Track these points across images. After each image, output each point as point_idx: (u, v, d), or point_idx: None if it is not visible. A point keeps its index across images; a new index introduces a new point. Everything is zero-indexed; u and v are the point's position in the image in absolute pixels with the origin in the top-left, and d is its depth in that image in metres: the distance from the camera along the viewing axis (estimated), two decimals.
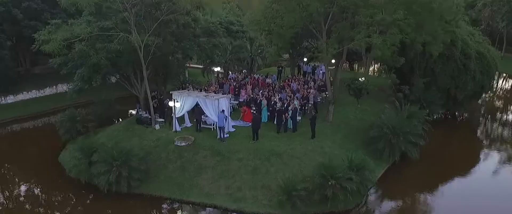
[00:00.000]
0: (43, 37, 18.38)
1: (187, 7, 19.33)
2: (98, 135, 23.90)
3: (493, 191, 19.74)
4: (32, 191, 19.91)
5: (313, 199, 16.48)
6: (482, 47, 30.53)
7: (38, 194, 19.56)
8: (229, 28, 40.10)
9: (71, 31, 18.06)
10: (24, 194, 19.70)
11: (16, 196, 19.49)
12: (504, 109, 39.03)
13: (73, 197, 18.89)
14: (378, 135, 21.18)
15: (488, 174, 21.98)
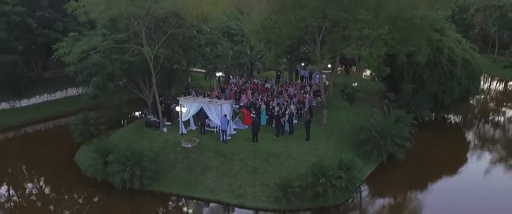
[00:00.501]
0: (64, 51, 20.32)
1: (193, 21, 21.26)
2: (110, 137, 25.87)
3: (475, 189, 21.62)
4: (53, 188, 21.87)
5: (306, 195, 18.47)
6: (468, 54, 32.48)
7: (58, 191, 21.49)
8: (230, 32, 41.98)
9: (89, 44, 20.00)
10: (46, 191, 21.71)
11: (38, 193, 21.46)
12: (492, 111, 41.06)
13: (90, 194, 20.88)
14: (367, 137, 23.17)
15: (471, 174, 23.96)
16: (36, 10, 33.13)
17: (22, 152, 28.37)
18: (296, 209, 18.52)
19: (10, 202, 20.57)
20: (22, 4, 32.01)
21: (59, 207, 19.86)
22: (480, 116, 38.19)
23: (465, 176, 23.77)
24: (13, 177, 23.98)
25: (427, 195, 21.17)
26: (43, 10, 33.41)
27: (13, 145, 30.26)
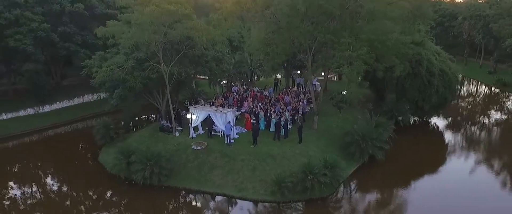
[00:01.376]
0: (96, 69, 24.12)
1: (203, 44, 25.05)
2: (128, 140, 29.64)
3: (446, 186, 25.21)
4: (83, 184, 25.60)
5: (297, 189, 22.29)
6: (445, 65, 36.29)
7: (88, 187, 25.25)
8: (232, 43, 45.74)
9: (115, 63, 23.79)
10: (77, 186, 25.42)
11: (71, 188, 25.21)
12: (470, 115, 44.90)
13: (116, 189, 24.68)
14: (351, 140, 27.01)
15: (444, 173, 27.73)
16: (59, 26, 36.89)
17: (50, 153, 32.18)
18: (288, 201, 22.34)
19: (47, 195, 24.37)
20: (46, 21, 35.78)
21: (90, 200, 23.69)
22: (458, 120, 41.99)
23: (438, 174, 27.51)
24: (46, 175, 27.77)
25: (401, 190, 24.98)
26: (65, 26, 37.21)
27: (40, 146, 34.06)
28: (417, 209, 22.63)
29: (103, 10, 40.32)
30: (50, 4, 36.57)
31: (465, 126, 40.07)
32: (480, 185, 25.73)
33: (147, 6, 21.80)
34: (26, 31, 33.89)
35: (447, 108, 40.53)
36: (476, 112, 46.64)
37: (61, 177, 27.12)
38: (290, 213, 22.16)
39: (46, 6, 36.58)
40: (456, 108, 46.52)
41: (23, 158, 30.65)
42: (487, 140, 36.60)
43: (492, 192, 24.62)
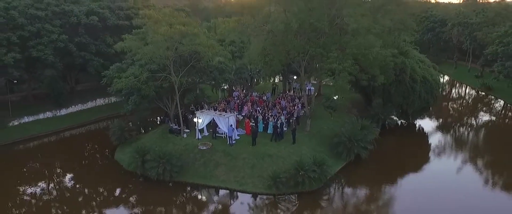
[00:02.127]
0: (117, 80, 27.66)
1: (208, 57, 28.58)
2: (140, 140, 33.12)
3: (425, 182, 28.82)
4: (102, 180, 29.17)
5: (290, 184, 25.84)
6: (427, 73, 39.83)
7: (107, 182, 28.79)
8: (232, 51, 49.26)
9: (132, 74, 27.35)
10: (97, 181, 28.92)
11: (92, 183, 28.70)
12: (455, 117, 48.50)
13: (132, 183, 28.22)
14: (338, 141, 30.57)
15: (423, 170, 31.33)
16: (75, 37, 40.43)
17: (69, 152, 35.73)
18: (283, 194, 25.88)
19: (70, 189, 27.88)
20: (64, 32, 39.33)
21: (110, 193, 27.26)
22: (441, 122, 45.54)
23: (417, 171, 31.08)
24: (67, 171, 31.25)
25: (382, 185, 28.50)
26: (80, 37, 40.77)
27: (59, 146, 37.63)
28: (395, 200, 26.27)
29: (115, 22, 43.89)
30: (67, 17, 40.09)
31: (447, 127, 43.60)
32: (457, 181, 29.40)
33: (160, 25, 25.32)
34: (47, 42, 37.45)
35: (430, 111, 44.20)
36: (459, 114, 50.25)
37: (82, 173, 30.67)
38: (284, 204, 25.67)
39: (64, 19, 40.09)
40: (441, 111, 50.17)
41: (45, 156, 34.29)
42: (466, 140, 40.27)
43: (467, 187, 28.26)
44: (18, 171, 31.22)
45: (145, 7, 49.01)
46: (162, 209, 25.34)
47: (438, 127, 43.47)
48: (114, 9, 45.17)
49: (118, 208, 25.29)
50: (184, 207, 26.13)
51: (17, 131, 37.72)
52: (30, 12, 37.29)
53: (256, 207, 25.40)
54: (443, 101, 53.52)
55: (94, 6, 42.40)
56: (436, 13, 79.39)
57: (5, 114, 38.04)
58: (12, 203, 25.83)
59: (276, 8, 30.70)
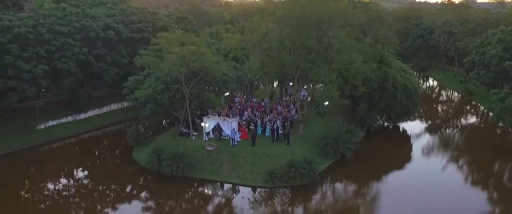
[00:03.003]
0: (137, 91, 32.47)
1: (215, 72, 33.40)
2: (153, 142, 37.87)
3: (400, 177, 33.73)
4: (123, 176, 33.99)
5: (284, 178, 30.65)
6: (408, 81, 44.67)
7: (128, 178, 33.60)
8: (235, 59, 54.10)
9: (150, 85, 32.18)
10: (118, 177, 33.74)
11: (114, 179, 33.51)
12: (436, 119, 53.31)
13: (150, 179, 33.02)
14: (326, 143, 35.40)
15: (402, 168, 36.11)
16: (94, 49, 45.24)
17: (90, 152, 40.65)
18: (277, 187, 30.70)
19: (94, 184, 32.63)
20: (84, 46, 44.12)
21: (132, 187, 32.11)
22: (422, 124, 50.40)
23: (395, 168, 35.86)
24: (90, 169, 36.02)
25: (363, 180, 33.34)
26: (98, 49, 45.58)
27: (81, 147, 42.48)
28: (372, 192, 31.14)
29: (128, 34, 48.73)
30: (87, 32, 44.89)
31: (428, 129, 48.44)
32: (433, 177, 34.13)
33: (174, 45, 30.13)
34: (70, 55, 42.24)
35: (414, 114, 49.10)
36: (440, 117, 55.13)
37: (104, 171, 35.59)
38: (279, 196, 30.46)
39: (83, 33, 44.88)
40: (424, 114, 55.03)
41: (68, 156, 39.21)
42: (444, 141, 45.07)
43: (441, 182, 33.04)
44: (48, 168, 36.20)
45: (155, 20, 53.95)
46: (176, 200, 30.26)
47: (419, 129, 48.27)
48: (127, 23, 49.97)
49: (139, 199, 30.12)
50: (194, 199, 31.03)
51: (44, 134, 42.54)
52: (55, 28, 42.07)
53: (255, 198, 30.22)
54: (427, 104, 58.36)
55: (110, 21, 47.21)
56: (425, 21, 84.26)
57: (33, 118, 42.80)
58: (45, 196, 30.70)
59: (272, 27, 35.52)
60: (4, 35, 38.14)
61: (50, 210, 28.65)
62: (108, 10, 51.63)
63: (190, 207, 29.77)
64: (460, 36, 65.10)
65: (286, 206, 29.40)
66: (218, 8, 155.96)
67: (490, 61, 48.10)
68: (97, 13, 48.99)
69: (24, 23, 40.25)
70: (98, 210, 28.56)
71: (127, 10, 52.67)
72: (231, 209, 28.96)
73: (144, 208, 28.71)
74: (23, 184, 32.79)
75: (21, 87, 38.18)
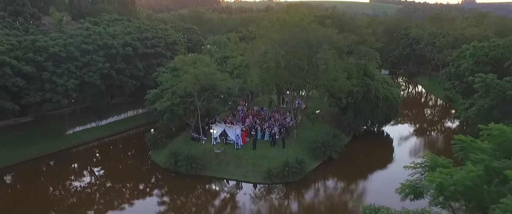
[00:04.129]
0: (158, 104, 39.02)
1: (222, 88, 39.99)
2: (169, 146, 44.33)
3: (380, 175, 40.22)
4: (145, 174, 40.54)
5: (279, 176, 37.16)
6: (389, 92, 51.16)
7: (149, 176, 40.15)
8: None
9: (168, 99, 38.75)
10: (141, 175, 40.28)
11: (138, 176, 40.05)
12: (416, 124, 59.81)
13: (168, 177, 39.54)
14: (315, 146, 41.90)
15: (381, 167, 42.59)
16: (114, 64, 51.77)
17: (114, 154, 47.20)
18: (274, 183, 37.24)
19: (120, 182, 39.14)
20: (107, 61, 50.67)
21: (154, 183, 38.66)
22: (403, 129, 56.91)
23: (376, 167, 42.36)
24: (115, 168, 42.62)
25: (346, 176, 39.89)
26: (118, 64, 52.14)
27: (105, 150, 48.99)
28: (353, 185, 37.70)
29: (143, 50, 55.29)
30: (109, 49, 51.41)
31: (407, 133, 54.97)
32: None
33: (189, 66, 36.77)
34: (95, 69, 48.79)
35: (397, 119, 55.66)
36: (420, 122, 61.74)
37: (129, 170, 42.14)
38: (275, 190, 36.97)
39: (106, 50, 51.39)
40: (406, 118, 61.54)
41: (96, 158, 45.81)
42: (421, 142, 51.58)
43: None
44: (79, 168, 42.78)
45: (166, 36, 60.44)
46: (191, 193, 36.83)
47: (400, 132, 54.80)
48: (142, 39, 56.50)
49: (162, 193, 36.75)
50: (205, 193, 37.58)
51: (72, 138, 49.07)
52: (82, 47, 48.61)
53: (255, 193, 36.76)
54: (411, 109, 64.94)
55: (128, 39, 53.76)
56: (412, 31, 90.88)
57: (63, 125, 49.31)
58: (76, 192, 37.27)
59: (270, 49, 41.97)
60: (41, 55, 44.65)
61: (88, 201, 35.20)
62: (125, 28, 58.16)
63: (202, 200, 36.40)
64: (441, 47, 71.64)
65: (282, 199, 35.97)
66: (219, 15, 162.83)
67: (463, 73, 54.51)
68: (116, 31, 55.53)
69: (56, 43, 46.82)
70: (129, 200, 35.20)
71: (141, 27, 59.21)
72: (235, 202, 35.49)
73: (166, 201, 35.36)
74: (61, 181, 39.36)
75: (56, 99, 44.64)
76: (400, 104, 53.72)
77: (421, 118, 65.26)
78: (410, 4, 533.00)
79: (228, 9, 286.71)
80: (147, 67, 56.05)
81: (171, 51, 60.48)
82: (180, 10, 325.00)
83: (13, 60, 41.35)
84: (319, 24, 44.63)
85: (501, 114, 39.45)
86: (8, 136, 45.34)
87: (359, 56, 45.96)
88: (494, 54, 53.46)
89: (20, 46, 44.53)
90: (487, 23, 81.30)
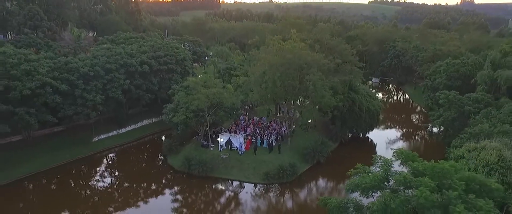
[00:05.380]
0: (174, 117, 46.97)
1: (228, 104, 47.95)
2: (182, 152, 52.24)
3: None
4: (163, 175, 48.47)
5: (275, 177, 45.07)
6: (371, 104, 59.08)
7: (165, 177, 48.08)
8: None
9: (183, 113, 46.67)
10: (160, 176, 48.19)
11: (156, 177, 47.96)
12: (398, 131, 67.75)
13: (182, 178, 47.42)
14: (306, 152, 49.84)
15: None
16: (133, 80, 59.68)
17: (135, 159, 55.06)
18: (271, 183, 45.16)
19: (142, 182, 47.02)
20: (127, 78, 58.57)
21: (171, 183, 46.60)
22: (385, 135, 64.84)
23: None
24: (137, 171, 50.50)
25: (331, 176, 47.79)
26: (136, 80, 60.07)
27: (127, 155, 56.88)
28: (337, 184, 45.65)
29: (157, 67, 63.20)
30: (128, 67, 59.32)
31: (388, 138, 62.86)
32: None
33: (200, 87, 44.84)
34: (117, 86, 56.71)
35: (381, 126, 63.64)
36: (401, 128, 69.66)
37: (149, 172, 50.06)
38: (272, 189, 44.88)
39: (126, 68, 59.30)
40: (390, 125, 69.47)
41: (119, 162, 53.64)
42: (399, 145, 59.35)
43: None
44: (104, 170, 50.71)
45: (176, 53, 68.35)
46: (201, 192, 44.80)
47: (382, 138, 62.75)
48: (156, 57, 64.40)
49: (176, 190, 44.68)
50: (214, 191, 45.50)
51: (98, 145, 56.99)
52: (106, 66, 56.53)
53: (255, 191, 44.70)
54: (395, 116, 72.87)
55: (144, 57, 61.68)
56: (398, 44, 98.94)
57: (89, 133, 57.23)
58: (104, 190, 45.22)
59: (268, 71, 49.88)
60: (73, 74, 52.57)
61: (116, 197, 43.10)
62: (140, 47, 66.10)
63: (211, 196, 44.31)
64: (422, 61, 79.68)
65: (278, 196, 43.88)
66: (221, 24, 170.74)
67: (438, 86, 62.48)
68: (133, 50, 63.47)
69: (85, 63, 54.77)
70: (152, 195, 43.20)
71: (154, 46, 67.15)
72: (238, 199, 43.38)
73: (182, 197, 43.29)
74: (91, 181, 47.28)
75: (86, 112, 52.53)
76: (381, 114, 61.71)
77: (403, 124, 73.24)
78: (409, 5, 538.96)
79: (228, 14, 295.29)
80: (161, 81, 63.99)
81: (181, 66, 68.38)
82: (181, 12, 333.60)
83: (53, 80, 49.20)
84: (310, 47, 52.63)
85: (461, 125, 47.46)
86: (45, 143, 53.30)
87: (344, 74, 53.92)
88: (464, 71, 61.45)
89: (56, 67, 52.41)
90: (466, 38, 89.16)
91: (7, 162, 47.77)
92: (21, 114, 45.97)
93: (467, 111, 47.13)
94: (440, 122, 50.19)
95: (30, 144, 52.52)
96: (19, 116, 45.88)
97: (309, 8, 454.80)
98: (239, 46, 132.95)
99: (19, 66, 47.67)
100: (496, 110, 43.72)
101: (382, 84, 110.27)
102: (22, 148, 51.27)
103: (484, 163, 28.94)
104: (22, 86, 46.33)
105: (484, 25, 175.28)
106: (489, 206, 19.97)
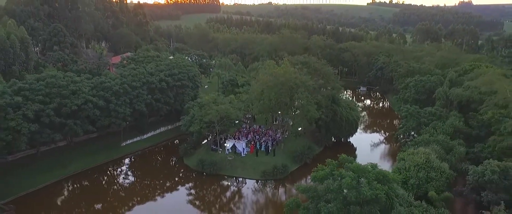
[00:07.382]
0: (191, 128, 59.36)
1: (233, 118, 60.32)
2: (195, 154, 64.58)
3: None
4: (180, 173, 60.86)
5: (271, 175, 57.42)
6: (350, 115, 71.47)
7: (182, 175, 60.46)
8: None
9: (198, 124, 59.02)
10: (177, 173, 60.57)
11: (175, 174, 60.30)
12: (375, 136, 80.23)
13: (197, 175, 59.75)
14: (296, 154, 62.24)
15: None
16: (153, 95, 72.06)
17: (157, 160, 67.47)
18: (267, 179, 57.53)
19: (164, 178, 59.33)
20: (148, 93, 70.95)
21: (184, 180, 59.02)
22: (365, 139, 77.33)
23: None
24: (162, 169, 62.88)
25: None
26: (156, 94, 72.47)
27: (150, 157, 69.23)
28: None
29: (173, 83, 75.59)
30: (149, 84, 71.67)
31: (366, 141, 75.28)
32: None
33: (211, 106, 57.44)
34: (141, 100, 69.10)
35: (360, 132, 76.20)
36: (378, 133, 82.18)
37: (170, 170, 62.51)
38: (268, 184, 57.24)
39: (147, 85, 71.68)
40: (368, 130, 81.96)
41: (146, 163, 66.05)
42: (375, 147, 71.89)
43: None
44: (134, 170, 63.19)
45: (188, 71, 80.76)
46: (212, 185, 57.25)
47: (361, 141, 75.14)
48: (171, 75, 76.76)
49: (191, 184, 57.13)
50: (222, 186, 57.87)
51: (126, 149, 69.34)
52: (132, 84, 68.93)
53: (255, 186, 57.11)
54: (374, 122, 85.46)
55: (162, 76, 74.08)
56: (381, 59, 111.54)
57: (118, 139, 69.60)
58: (134, 186, 57.67)
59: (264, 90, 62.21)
60: (107, 92, 64.93)
61: (144, 191, 55.48)
62: (157, 66, 78.49)
63: (220, 190, 56.73)
64: (398, 76, 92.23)
65: (272, 189, 56.29)
66: (223, 35, 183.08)
67: (407, 99, 74.94)
68: (152, 69, 75.88)
69: (116, 82, 67.13)
70: (173, 188, 55.67)
71: (169, 65, 79.56)
72: (241, 192, 55.79)
73: (197, 190, 55.78)
74: (123, 180, 59.63)
75: (118, 123, 64.89)
76: (360, 123, 74.19)
77: (380, 130, 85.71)
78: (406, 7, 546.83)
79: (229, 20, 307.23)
80: (176, 95, 76.37)
81: (192, 82, 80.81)
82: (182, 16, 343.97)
83: (93, 98, 61.58)
84: (299, 69, 65.10)
85: (417, 134, 59.85)
86: (84, 148, 65.68)
87: (327, 89, 66.41)
88: (429, 86, 73.93)
89: (94, 86, 64.77)
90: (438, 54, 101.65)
91: (58, 163, 60.10)
92: (71, 124, 58.37)
93: (423, 122, 59.56)
94: (403, 131, 62.61)
95: (72, 148, 64.89)
96: (69, 126, 58.27)
97: (307, 10, 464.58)
98: (240, 57, 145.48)
99: (67, 87, 59.99)
100: (442, 123, 56.11)
101: (369, 92, 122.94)
102: (66, 152, 63.62)
103: (415, 164, 41.32)
104: (71, 103, 58.69)
105: (473, 32, 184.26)
106: (382, 187, 32.44)
